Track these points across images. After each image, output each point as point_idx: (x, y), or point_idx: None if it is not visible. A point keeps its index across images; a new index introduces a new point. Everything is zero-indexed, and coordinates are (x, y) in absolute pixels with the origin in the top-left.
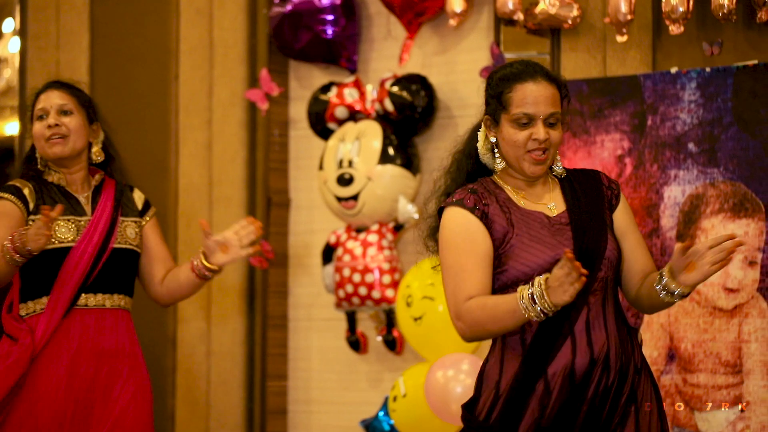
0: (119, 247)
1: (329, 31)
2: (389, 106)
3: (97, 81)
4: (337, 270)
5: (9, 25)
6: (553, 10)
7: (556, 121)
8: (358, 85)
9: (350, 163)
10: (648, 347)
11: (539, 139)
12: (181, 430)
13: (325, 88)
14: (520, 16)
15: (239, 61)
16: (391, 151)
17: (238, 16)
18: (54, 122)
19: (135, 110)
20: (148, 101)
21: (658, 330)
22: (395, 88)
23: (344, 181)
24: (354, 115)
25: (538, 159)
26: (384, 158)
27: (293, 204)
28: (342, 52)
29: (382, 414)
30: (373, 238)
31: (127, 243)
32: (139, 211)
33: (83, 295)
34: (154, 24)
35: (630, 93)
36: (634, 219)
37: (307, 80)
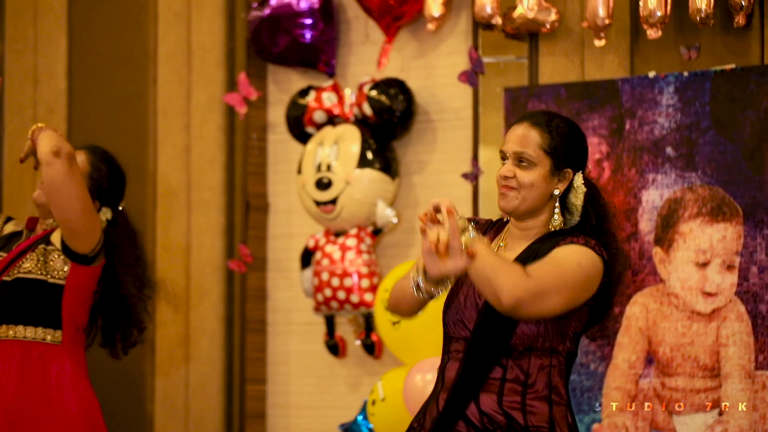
0: (8, 279)
1: (307, 35)
2: (368, 110)
3: (75, 85)
4: (316, 274)
5: None
6: (531, 15)
7: (527, 162)
8: (337, 89)
9: (329, 167)
10: (626, 351)
11: (501, 175)
12: None
13: (304, 92)
14: (498, 21)
15: (217, 65)
16: (370, 155)
17: (216, 20)
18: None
19: (113, 114)
20: (126, 105)
21: (637, 334)
22: (374, 92)
23: (323, 185)
24: (332, 119)
25: (502, 193)
26: (362, 162)
27: (272, 208)
28: (320, 56)
29: (360, 418)
30: (351, 242)
31: (20, 274)
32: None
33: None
34: (132, 28)
35: (608, 97)
36: (565, 260)
37: (285, 84)
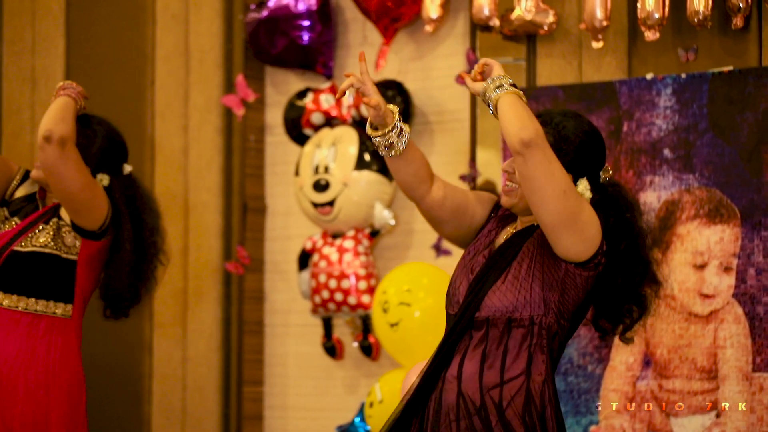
0: (22, 250)
1: (305, 37)
2: (365, 111)
3: None
4: (313, 276)
5: None
6: (529, 17)
7: None
8: (334, 91)
9: (326, 169)
10: (624, 353)
11: (503, 168)
12: None
13: (301, 94)
14: (496, 22)
15: (215, 66)
16: (367, 157)
17: (214, 22)
18: None
19: (111, 116)
20: (124, 107)
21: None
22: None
23: (320, 187)
24: (330, 121)
25: (503, 189)
26: (360, 164)
27: (269, 210)
28: (318, 58)
29: (358, 420)
30: (349, 243)
31: (34, 247)
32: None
33: None
34: (129, 30)
35: (605, 99)
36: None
37: (283, 86)
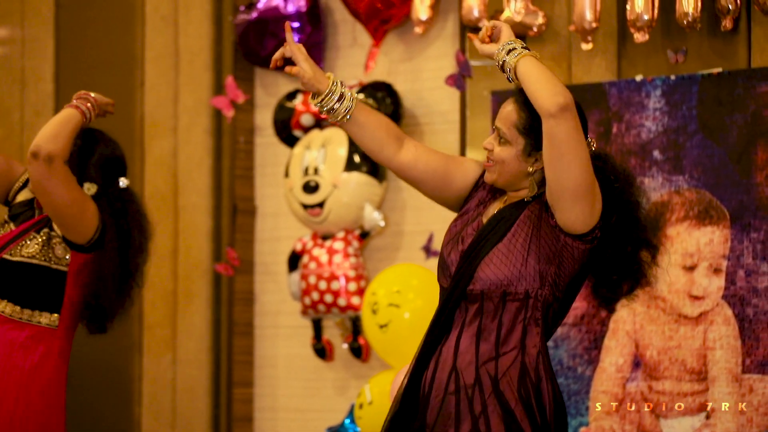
0: (11, 259)
1: (295, 39)
2: None
3: (63, 88)
4: (303, 277)
5: None
6: (519, 18)
7: (503, 139)
8: None
9: (316, 171)
10: (613, 354)
11: (483, 145)
12: None
13: (291, 96)
14: (486, 24)
15: (205, 68)
16: (357, 159)
17: (203, 24)
18: None
19: (100, 118)
20: (114, 108)
21: (624, 337)
22: (361, 96)
23: (310, 188)
24: (320, 123)
25: (485, 165)
26: (350, 166)
27: (259, 211)
28: None
29: (348, 421)
30: (338, 245)
31: (22, 257)
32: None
33: None
34: (119, 31)
35: (595, 100)
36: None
37: (272, 87)
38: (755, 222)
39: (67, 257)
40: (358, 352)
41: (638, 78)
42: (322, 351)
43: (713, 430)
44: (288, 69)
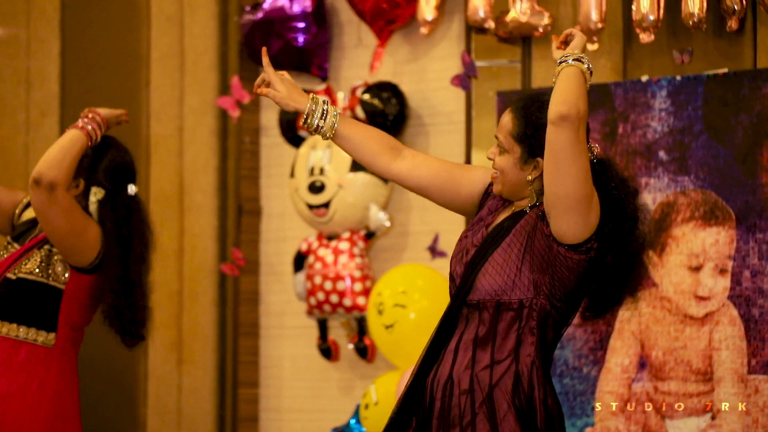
0: (13, 278)
1: (300, 39)
2: (360, 113)
3: (68, 88)
4: (309, 278)
5: None
6: (524, 18)
7: (501, 148)
8: (330, 93)
9: (321, 171)
10: (619, 355)
11: (487, 155)
12: None
13: None
14: (491, 24)
15: (210, 68)
16: None
17: (209, 24)
18: None
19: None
20: (119, 108)
21: (629, 338)
22: (366, 96)
23: (315, 188)
24: None
25: (492, 174)
26: (355, 166)
27: (264, 212)
28: (313, 60)
29: (353, 422)
30: (344, 245)
31: (22, 274)
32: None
33: None
34: (124, 31)
35: (601, 101)
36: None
37: None
38: (761, 222)
39: (66, 275)
40: (364, 352)
41: (644, 78)
42: (328, 351)
43: (719, 431)
44: (258, 91)
